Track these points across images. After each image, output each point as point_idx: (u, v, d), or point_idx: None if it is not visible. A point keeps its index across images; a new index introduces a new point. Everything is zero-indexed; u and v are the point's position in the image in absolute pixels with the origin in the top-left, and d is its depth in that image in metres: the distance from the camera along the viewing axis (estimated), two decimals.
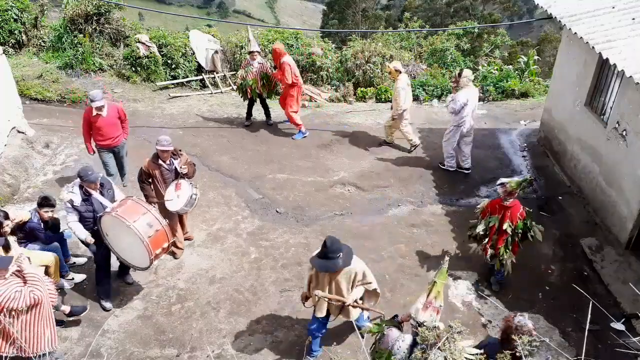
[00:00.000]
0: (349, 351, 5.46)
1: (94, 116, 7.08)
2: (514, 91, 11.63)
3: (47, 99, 10.41)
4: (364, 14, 30.82)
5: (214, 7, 72.30)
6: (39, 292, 4.33)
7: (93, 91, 7.18)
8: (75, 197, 5.50)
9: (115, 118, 7.28)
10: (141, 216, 5.39)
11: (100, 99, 7.00)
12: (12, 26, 11.58)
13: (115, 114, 7.27)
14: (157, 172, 6.19)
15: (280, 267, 6.60)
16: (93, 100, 6.97)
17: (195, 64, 11.77)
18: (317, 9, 66.53)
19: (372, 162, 8.94)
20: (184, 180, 6.28)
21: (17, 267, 4.36)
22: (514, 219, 5.82)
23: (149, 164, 6.20)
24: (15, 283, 4.30)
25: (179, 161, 6.27)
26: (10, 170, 7.94)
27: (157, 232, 5.45)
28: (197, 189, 6.35)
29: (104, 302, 5.90)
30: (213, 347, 5.48)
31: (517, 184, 5.77)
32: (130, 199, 5.63)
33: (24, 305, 4.26)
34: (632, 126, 6.52)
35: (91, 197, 5.57)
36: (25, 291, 4.27)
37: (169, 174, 6.24)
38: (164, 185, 6.25)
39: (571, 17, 7.27)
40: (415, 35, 14.45)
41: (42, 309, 4.46)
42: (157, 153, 6.15)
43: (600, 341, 5.51)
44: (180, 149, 6.43)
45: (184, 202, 6.16)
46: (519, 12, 39.87)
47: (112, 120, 7.24)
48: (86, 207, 5.56)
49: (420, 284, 6.38)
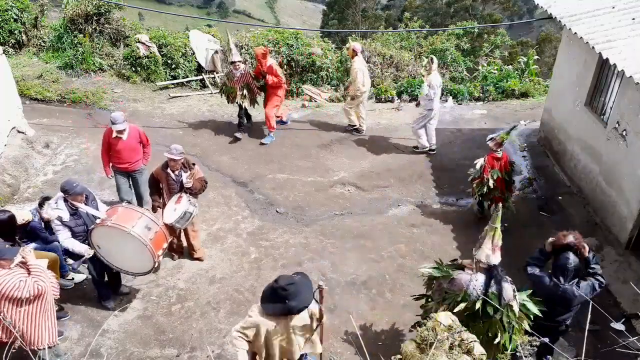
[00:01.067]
0: (349, 351, 5.46)
1: (114, 138, 6.68)
2: (514, 91, 11.64)
3: (47, 99, 10.41)
4: (364, 14, 30.81)
5: (214, 7, 72.28)
6: (42, 283, 4.34)
7: (115, 113, 6.78)
8: (62, 213, 5.29)
9: (136, 142, 6.85)
10: (138, 221, 5.31)
11: (122, 122, 6.59)
12: (12, 26, 11.59)
13: (136, 138, 6.83)
14: (164, 180, 6.07)
15: (281, 267, 6.60)
16: (114, 123, 6.57)
17: (195, 64, 11.77)
18: (317, 9, 66.55)
19: (372, 162, 8.94)
20: (185, 195, 6.00)
21: (22, 258, 4.38)
22: (506, 167, 6.95)
23: (158, 171, 6.08)
24: (19, 273, 4.33)
25: (188, 174, 6.04)
26: (10, 170, 7.94)
27: (157, 234, 5.43)
28: (196, 208, 6.02)
29: (105, 302, 5.89)
30: (213, 347, 5.48)
31: (506, 134, 6.92)
32: (121, 206, 5.53)
33: (27, 294, 4.27)
34: (632, 126, 6.52)
35: (78, 210, 5.36)
36: (30, 281, 4.29)
37: (175, 185, 6.05)
38: (169, 195, 6.10)
39: (571, 17, 7.27)
40: (415, 35, 14.43)
41: (45, 301, 4.48)
42: (167, 161, 5.98)
43: (600, 341, 5.51)
44: (194, 163, 6.22)
45: (176, 217, 5.79)
46: (519, 12, 39.85)
47: (132, 145, 6.82)
48: (76, 222, 5.36)
49: (420, 284, 6.37)
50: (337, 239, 7.11)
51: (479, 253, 4.29)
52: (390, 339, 5.67)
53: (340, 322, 5.82)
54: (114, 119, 6.61)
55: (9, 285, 4.22)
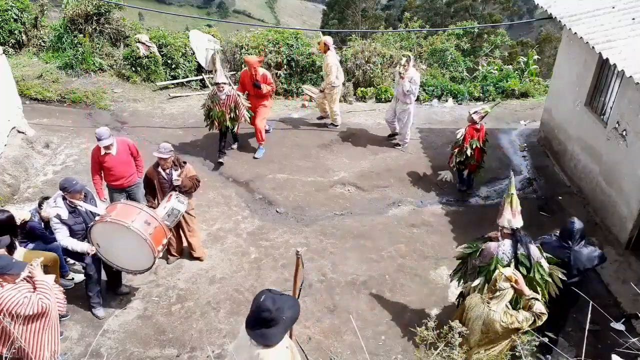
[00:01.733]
0: (349, 351, 5.46)
1: (103, 155, 6.38)
2: (514, 91, 11.63)
3: (47, 99, 10.41)
4: (364, 14, 30.82)
5: (214, 7, 72.29)
6: (47, 301, 4.22)
7: (99, 129, 6.44)
8: (61, 211, 5.26)
9: (127, 155, 6.57)
10: (137, 216, 5.33)
11: (107, 137, 6.26)
12: (12, 26, 11.58)
13: (126, 151, 6.55)
14: (156, 179, 6.08)
15: (281, 267, 6.60)
16: (100, 139, 6.26)
17: (195, 64, 11.77)
18: (317, 9, 66.56)
19: (372, 162, 8.95)
20: (174, 193, 5.98)
21: (29, 272, 4.27)
22: (483, 138, 7.74)
23: (150, 170, 6.12)
24: (24, 289, 4.21)
25: (179, 172, 6.01)
26: (10, 170, 7.94)
27: (156, 229, 5.43)
28: (184, 205, 5.98)
29: (96, 311, 5.80)
30: (213, 347, 5.48)
31: (490, 108, 7.90)
32: (120, 203, 5.54)
33: (31, 312, 4.15)
34: (632, 126, 6.52)
35: (77, 208, 5.34)
36: (34, 298, 4.17)
37: (166, 183, 6.06)
38: (161, 193, 6.12)
39: (571, 17, 7.27)
40: (415, 35, 14.42)
41: (49, 318, 4.36)
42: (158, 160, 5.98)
43: (600, 341, 5.51)
44: (185, 161, 6.18)
45: (162, 214, 5.75)
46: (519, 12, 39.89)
47: (124, 159, 6.54)
48: (75, 220, 5.34)
49: (420, 284, 6.40)
50: (337, 239, 7.11)
51: (501, 220, 4.63)
52: (391, 339, 5.67)
53: (340, 322, 5.82)
54: (99, 135, 6.30)
55: (12, 302, 4.09)
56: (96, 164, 6.49)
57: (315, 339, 5.64)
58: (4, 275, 4.10)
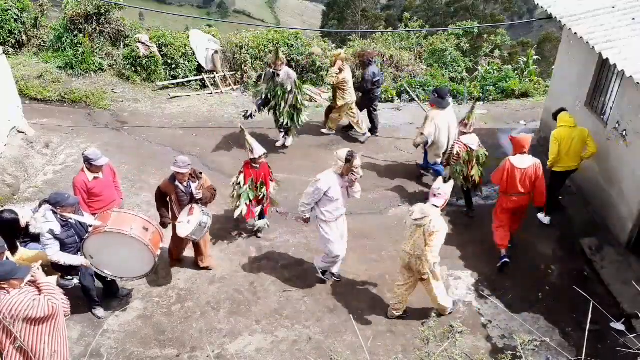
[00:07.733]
0: (349, 351, 5.46)
1: (92, 181, 5.85)
2: (514, 91, 11.62)
3: (47, 99, 10.40)
4: (364, 14, 30.84)
5: (214, 7, 72.27)
6: (55, 301, 4.18)
7: (89, 150, 5.89)
8: (54, 226, 5.03)
9: (111, 176, 6.16)
10: (133, 223, 5.27)
11: (101, 156, 5.81)
12: (12, 26, 11.57)
13: (109, 172, 6.12)
14: (173, 193, 5.90)
15: (280, 267, 6.60)
16: (94, 161, 5.72)
17: (195, 64, 11.77)
18: (317, 9, 66.51)
19: (372, 162, 8.94)
20: (197, 206, 5.87)
21: (32, 276, 4.23)
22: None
23: (165, 184, 5.91)
24: (31, 292, 4.17)
25: (197, 184, 5.88)
26: (10, 170, 7.94)
27: (153, 234, 5.43)
28: (210, 217, 5.92)
29: (95, 311, 5.79)
30: (213, 347, 5.48)
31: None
32: (112, 211, 5.40)
33: (42, 314, 4.10)
34: (632, 126, 6.52)
35: (69, 221, 5.13)
36: (43, 300, 4.12)
37: (184, 197, 5.88)
38: (179, 207, 5.94)
39: (571, 17, 7.27)
40: (415, 35, 14.43)
41: (58, 321, 4.31)
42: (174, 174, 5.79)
43: (600, 341, 5.51)
44: (201, 172, 6.04)
45: (192, 230, 5.72)
46: (519, 12, 39.93)
47: (109, 181, 6.10)
48: (67, 233, 5.13)
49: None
50: None
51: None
52: (390, 339, 5.67)
53: (340, 322, 5.82)
54: (92, 157, 5.75)
55: (23, 306, 4.02)
56: (83, 194, 5.84)
57: (315, 339, 5.64)
58: (11, 281, 4.05)
